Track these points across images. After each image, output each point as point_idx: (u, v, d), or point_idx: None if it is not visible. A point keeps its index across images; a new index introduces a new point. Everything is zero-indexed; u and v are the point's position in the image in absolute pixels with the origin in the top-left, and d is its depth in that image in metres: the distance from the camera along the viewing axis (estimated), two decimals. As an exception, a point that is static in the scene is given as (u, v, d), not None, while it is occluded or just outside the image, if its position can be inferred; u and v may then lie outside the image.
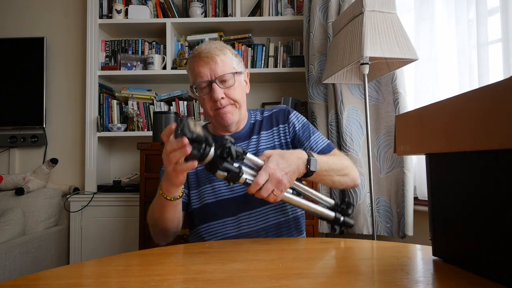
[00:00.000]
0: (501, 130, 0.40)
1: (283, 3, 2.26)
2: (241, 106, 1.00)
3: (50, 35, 2.40)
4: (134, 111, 2.26)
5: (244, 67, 1.07)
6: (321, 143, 1.02)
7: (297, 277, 0.53)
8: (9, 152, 2.38)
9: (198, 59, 0.96)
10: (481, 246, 0.48)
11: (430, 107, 0.54)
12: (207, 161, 0.68)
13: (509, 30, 1.29)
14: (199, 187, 1.00)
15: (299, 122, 1.06)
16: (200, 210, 0.99)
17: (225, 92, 0.96)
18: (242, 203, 0.97)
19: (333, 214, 0.83)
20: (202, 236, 0.99)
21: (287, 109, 1.09)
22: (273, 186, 0.71)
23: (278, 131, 1.05)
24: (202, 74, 0.95)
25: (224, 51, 0.97)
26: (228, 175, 0.69)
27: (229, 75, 0.95)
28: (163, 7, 2.29)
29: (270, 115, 1.08)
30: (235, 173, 0.69)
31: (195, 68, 0.96)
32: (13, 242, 1.73)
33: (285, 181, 0.73)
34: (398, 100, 1.60)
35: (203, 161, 0.68)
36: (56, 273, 0.58)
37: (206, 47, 0.97)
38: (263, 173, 0.71)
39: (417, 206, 1.61)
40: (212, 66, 0.94)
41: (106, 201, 2.08)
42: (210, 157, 0.68)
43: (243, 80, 1.04)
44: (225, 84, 0.96)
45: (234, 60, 0.99)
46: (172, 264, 0.63)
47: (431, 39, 1.60)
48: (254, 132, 1.05)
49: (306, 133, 1.03)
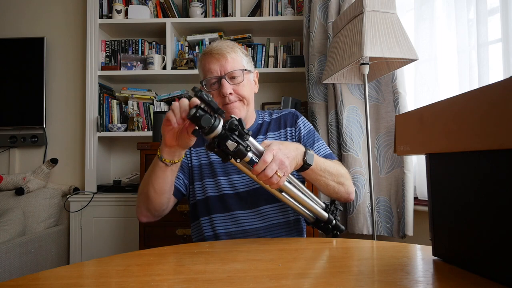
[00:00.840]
0: (501, 130, 0.40)
1: (283, 3, 2.26)
2: (249, 104, 1.02)
3: (50, 35, 2.40)
4: (134, 111, 2.26)
5: (253, 67, 1.09)
6: (323, 151, 1.04)
7: (297, 277, 0.53)
8: (9, 152, 2.38)
9: (209, 55, 0.98)
10: (481, 246, 0.48)
11: (430, 107, 0.54)
12: (215, 133, 0.69)
13: (509, 30, 1.29)
14: (202, 180, 1.02)
15: (305, 128, 1.08)
16: (202, 202, 1.01)
17: (233, 88, 0.97)
18: (243, 200, 0.98)
19: (326, 215, 0.84)
20: (202, 228, 1.00)
21: (296, 113, 1.11)
22: (277, 166, 0.72)
23: (285, 133, 1.07)
24: (212, 70, 0.97)
25: (234, 49, 0.99)
26: (236, 148, 0.69)
27: (238, 71, 0.97)
28: (163, 7, 2.29)
29: (279, 117, 1.10)
30: (243, 147, 0.69)
31: (205, 64, 0.99)
32: (13, 242, 1.73)
33: (287, 164, 0.74)
34: (398, 100, 1.60)
35: (212, 133, 0.68)
36: (56, 273, 0.58)
37: (217, 45, 0.99)
38: (268, 152, 0.72)
39: (417, 206, 1.61)
40: (222, 62, 0.96)
41: (106, 201, 2.08)
42: (218, 131, 0.69)
43: (252, 79, 1.06)
44: (234, 81, 0.97)
45: (244, 59, 1.02)
46: (172, 264, 0.63)
47: (431, 39, 1.60)
48: (261, 132, 1.07)
49: (310, 140, 1.06)
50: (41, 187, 2.17)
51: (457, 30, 1.50)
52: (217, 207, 0.99)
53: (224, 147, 0.69)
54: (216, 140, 0.70)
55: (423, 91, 1.62)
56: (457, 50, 1.51)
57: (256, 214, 0.98)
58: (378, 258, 0.64)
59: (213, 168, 1.02)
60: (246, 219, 0.97)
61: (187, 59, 2.22)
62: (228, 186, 1.00)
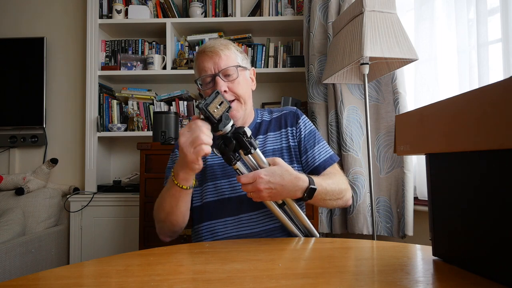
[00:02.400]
0: (501, 130, 0.40)
1: (283, 3, 2.26)
2: (246, 102, 1.00)
3: (50, 35, 2.40)
4: (134, 111, 2.26)
5: (250, 64, 1.08)
6: (323, 155, 1.02)
7: (297, 277, 0.53)
8: (9, 152, 2.38)
9: (203, 54, 0.98)
10: (481, 246, 0.48)
11: (430, 107, 0.54)
12: (222, 132, 0.75)
13: (509, 30, 1.29)
14: (201, 185, 1.00)
15: (306, 129, 1.05)
16: (200, 208, 0.99)
17: (228, 86, 0.96)
18: (244, 204, 0.96)
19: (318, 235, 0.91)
20: (202, 234, 0.98)
21: (297, 112, 1.09)
22: (251, 190, 0.77)
23: (286, 133, 1.05)
24: (206, 68, 0.96)
25: (228, 47, 0.99)
26: (226, 153, 0.76)
27: (232, 68, 0.96)
28: (163, 7, 2.29)
29: (279, 117, 1.08)
30: (232, 156, 0.76)
31: (200, 63, 0.98)
32: (13, 242, 1.73)
33: (264, 195, 0.78)
34: (398, 100, 1.60)
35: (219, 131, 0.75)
36: (56, 273, 0.58)
37: (211, 43, 0.99)
38: (251, 175, 0.77)
39: (417, 206, 1.60)
40: (216, 60, 0.96)
41: (106, 201, 2.08)
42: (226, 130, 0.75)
43: (249, 76, 1.05)
44: (228, 78, 0.96)
45: (239, 56, 1.00)
46: (172, 264, 0.63)
47: (431, 39, 1.60)
48: (261, 132, 1.05)
49: (311, 142, 1.03)
50: (41, 187, 2.17)
51: (457, 30, 1.50)
52: (216, 212, 0.97)
53: (240, 134, 0.75)
54: (229, 135, 0.75)
55: (423, 91, 1.62)
56: (457, 50, 1.51)
57: (256, 218, 0.96)
58: (378, 258, 0.64)
59: (213, 170, 1.01)
60: (246, 223, 0.95)
61: (187, 59, 2.22)
62: (228, 190, 0.98)
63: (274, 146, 1.03)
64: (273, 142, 1.03)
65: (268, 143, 1.03)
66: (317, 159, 1.01)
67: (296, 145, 1.04)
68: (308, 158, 1.02)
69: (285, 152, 1.02)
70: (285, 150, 1.02)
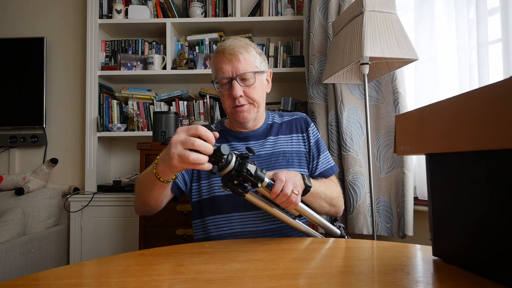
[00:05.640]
0: (501, 130, 0.40)
1: (283, 3, 2.26)
2: (259, 106, 1.02)
3: (50, 35, 2.40)
4: (134, 111, 2.26)
5: (267, 66, 1.08)
6: (325, 164, 1.07)
7: (297, 277, 0.53)
8: (9, 152, 2.38)
9: (222, 55, 0.97)
10: (481, 246, 0.48)
11: (430, 107, 0.54)
12: (230, 167, 0.72)
13: (509, 30, 1.29)
14: (209, 178, 1.00)
15: (314, 137, 1.09)
16: (209, 201, 0.99)
17: (244, 91, 0.97)
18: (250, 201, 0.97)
19: (338, 231, 0.92)
20: (208, 227, 0.98)
21: (307, 119, 1.12)
22: (292, 185, 0.76)
23: (297, 138, 1.08)
24: (224, 70, 0.96)
25: (248, 49, 0.98)
26: (256, 171, 0.74)
27: (250, 74, 0.97)
28: (163, 7, 2.29)
29: (290, 121, 1.11)
30: (241, 190, 0.76)
31: (218, 63, 0.98)
32: (13, 242, 1.73)
33: (298, 184, 0.79)
34: (398, 100, 1.59)
35: (227, 166, 0.72)
36: (56, 273, 0.58)
37: (231, 44, 0.98)
38: (280, 174, 0.77)
39: (417, 206, 1.61)
40: (235, 63, 0.95)
41: (106, 201, 2.08)
42: (233, 164, 0.72)
43: (265, 79, 1.06)
44: (245, 83, 0.97)
45: (258, 58, 1.00)
46: (172, 264, 0.63)
47: (431, 39, 1.60)
48: (272, 133, 1.07)
49: (317, 151, 1.08)
50: (41, 187, 2.17)
51: (457, 30, 1.50)
52: (223, 207, 0.97)
53: (244, 172, 0.72)
54: (233, 173, 0.73)
55: (423, 91, 1.62)
56: (457, 50, 1.51)
57: (262, 216, 0.96)
58: (378, 258, 0.64)
59: None
60: (251, 220, 0.96)
61: (187, 59, 2.22)
62: None
63: (285, 148, 1.05)
64: (283, 145, 1.06)
65: (278, 145, 1.05)
66: (319, 168, 1.06)
67: (306, 151, 1.07)
68: (312, 166, 1.07)
69: (295, 156, 1.05)
70: (294, 154, 1.05)
